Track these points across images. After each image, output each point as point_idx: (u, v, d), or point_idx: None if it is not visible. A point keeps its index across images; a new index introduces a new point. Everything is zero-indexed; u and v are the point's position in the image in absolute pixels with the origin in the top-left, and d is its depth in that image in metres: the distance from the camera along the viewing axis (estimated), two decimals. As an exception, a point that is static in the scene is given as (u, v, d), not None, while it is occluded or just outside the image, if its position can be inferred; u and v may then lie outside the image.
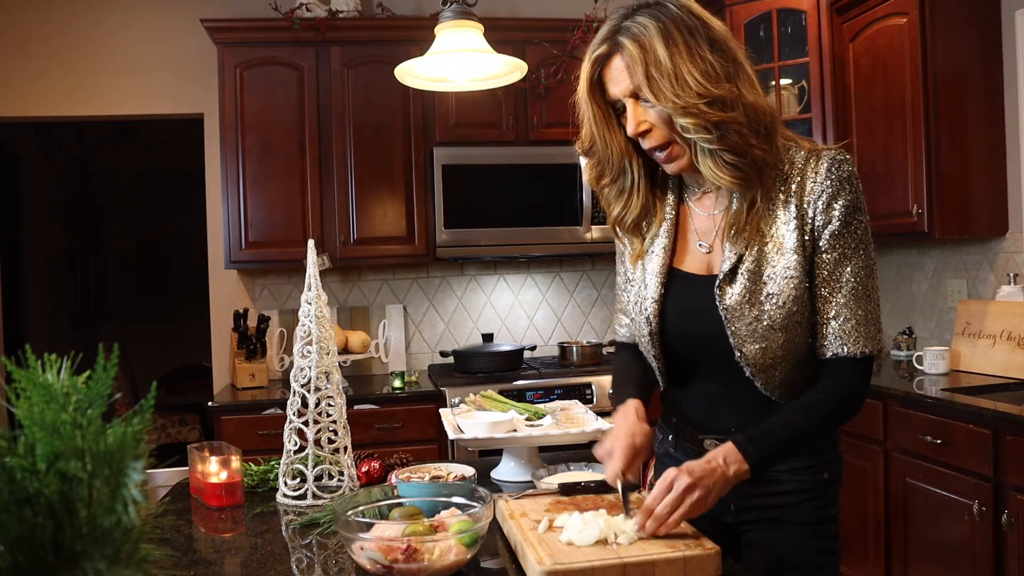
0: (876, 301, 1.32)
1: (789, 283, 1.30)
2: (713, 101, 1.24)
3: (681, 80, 1.23)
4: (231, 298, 3.86)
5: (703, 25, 1.28)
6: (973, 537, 2.48)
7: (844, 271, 1.30)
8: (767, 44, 3.75)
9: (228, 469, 1.69)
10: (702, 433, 1.42)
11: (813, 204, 1.30)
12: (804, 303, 1.31)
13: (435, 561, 1.17)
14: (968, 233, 3.21)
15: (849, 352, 1.30)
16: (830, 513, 1.41)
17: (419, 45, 2.42)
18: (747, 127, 1.26)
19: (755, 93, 1.29)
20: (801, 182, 1.31)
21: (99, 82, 3.80)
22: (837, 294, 1.30)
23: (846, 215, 1.29)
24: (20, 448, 0.68)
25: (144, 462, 0.70)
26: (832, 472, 1.41)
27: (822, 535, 1.39)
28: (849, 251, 1.30)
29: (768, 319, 1.31)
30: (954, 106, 3.14)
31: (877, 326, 1.32)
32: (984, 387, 2.84)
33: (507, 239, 3.65)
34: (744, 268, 1.32)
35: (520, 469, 1.79)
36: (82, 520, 0.67)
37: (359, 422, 3.15)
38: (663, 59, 1.24)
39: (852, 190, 1.30)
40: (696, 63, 1.24)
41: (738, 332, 1.32)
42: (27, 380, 0.71)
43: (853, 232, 1.30)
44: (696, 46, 1.25)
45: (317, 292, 1.69)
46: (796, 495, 1.38)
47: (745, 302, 1.31)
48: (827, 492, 1.40)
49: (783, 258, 1.31)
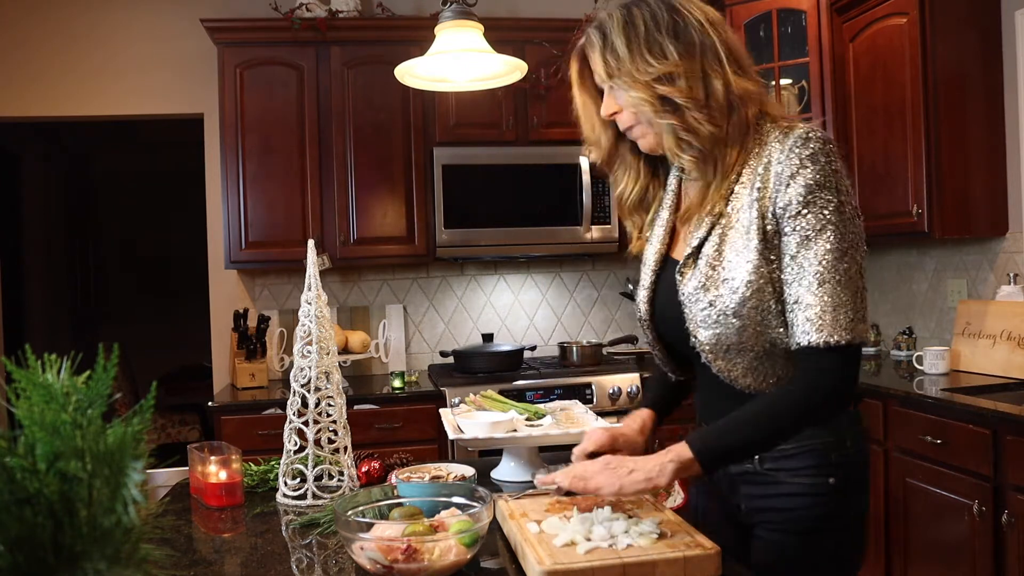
0: (850, 286, 1.21)
1: (745, 267, 1.25)
2: (660, 77, 1.27)
3: (633, 58, 1.29)
4: (231, 298, 3.86)
5: (673, 12, 1.31)
6: (973, 537, 2.48)
7: (807, 254, 1.22)
8: (767, 44, 3.75)
9: (228, 469, 1.69)
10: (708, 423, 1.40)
11: (774, 182, 1.25)
12: (762, 291, 1.24)
13: (435, 561, 1.17)
14: (968, 233, 3.21)
15: (814, 341, 1.20)
16: (837, 523, 1.32)
17: (419, 45, 2.42)
18: (702, 104, 1.27)
19: (724, 73, 1.29)
20: (767, 163, 1.27)
21: (99, 82, 3.80)
22: (800, 278, 1.22)
23: (807, 194, 1.22)
24: (20, 448, 0.68)
25: (144, 462, 0.70)
26: (840, 478, 1.32)
27: (821, 548, 1.33)
28: (812, 232, 1.21)
29: (721, 304, 1.27)
30: (954, 106, 3.14)
31: (850, 313, 1.20)
32: (984, 387, 2.84)
33: (507, 239, 3.64)
34: (705, 252, 1.31)
35: (520, 469, 1.79)
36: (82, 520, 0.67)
37: (359, 422, 3.15)
38: (619, 43, 1.30)
39: (816, 168, 1.22)
40: (651, 45, 1.29)
41: (693, 318, 1.31)
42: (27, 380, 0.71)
43: (818, 212, 1.21)
44: (653, 30, 1.29)
45: (317, 292, 1.69)
46: (793, 499, 1.33)
47: (700, 287, 1.29)
48: (833, 499, 1.32)
49: (741, 241, 1.27)
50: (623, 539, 1.22)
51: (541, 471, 1.68)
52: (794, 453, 1.32)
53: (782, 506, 1.34)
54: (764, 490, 1.35)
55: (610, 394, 3.39)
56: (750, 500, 1.38)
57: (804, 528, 1.33)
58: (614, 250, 3.76)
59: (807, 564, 1.33)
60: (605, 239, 3.71)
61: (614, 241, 3.71)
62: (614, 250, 3.76)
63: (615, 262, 4.14)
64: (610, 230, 3.69)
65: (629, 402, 3.41)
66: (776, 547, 1.35)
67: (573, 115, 1.48)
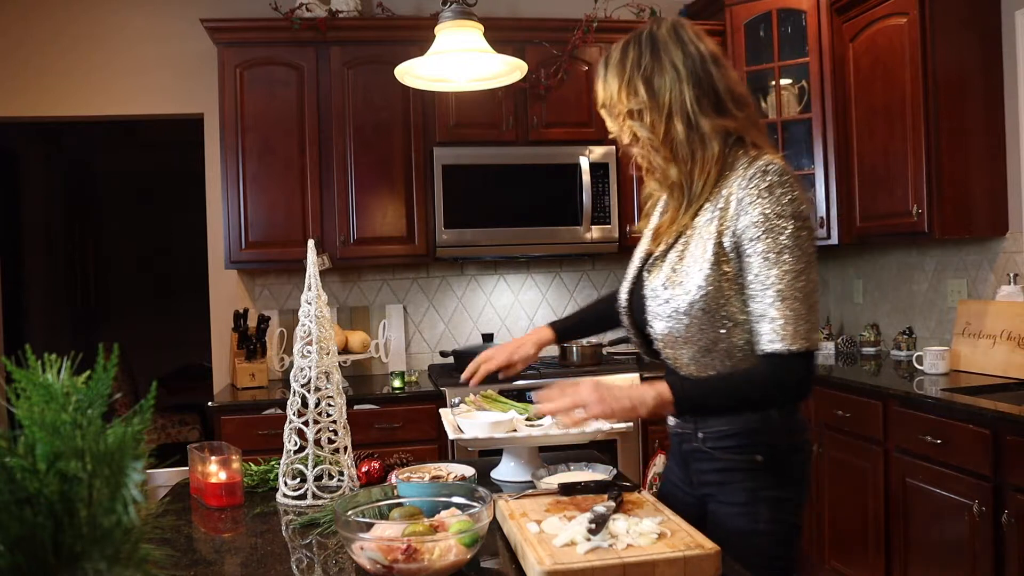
0: (806, 301, 1.40)
1: (698, 274, 1.45)
2: (630, 112, 1.50)
3: (616, 94, 1.52)
4: (231, 298, 3.86)
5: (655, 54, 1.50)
6: (973, 537, 2.48)
7: (769, 274, 1.40)
8: (767, 44, 3.75)
9: (228, 469, 1.69)
10: None
11: (734, 207, 1.44)
12: (709, 296, 1.44)
13: (435, 561, 1.17)
14: (968, 233, 3.21)
15: (779, 349, 1.40)
16: (760, 495, 1.49)
17: (419, 45, 2.42)
18: (660, 142, 1.49)
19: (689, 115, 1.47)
20: (732, 189, 1.45)
21: (99, 82, 3.80)
22: (764, 295, 1.41)
23: (765, 222, 1.40)
24: (20, 448, 0.68)
25: (144, 462, 0.70)
26: (768, 456, 1.49)
27: (751, 517, 1.49)
28: (773, 255, 1.40)
29: (675, 303, 1.48)
30: (954, 106, 3.14)
31: (807, 324, 1.40)
32: (984, 387, 2.84)
33: (507, 239, 3.64)
34: (670, 256, 1.52)
35: (520, 469, 1.79)
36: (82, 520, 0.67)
37: (359, 422, 3.15)
38: (611, 79, 1.53)
39: (772, 199, 1.40)
40: (630, 84, 1.50)
41: (652, 310, 1.53)
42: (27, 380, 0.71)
43: (776, 237, 1.40)
44: (635, 70, 1.50)
45: (317, 292, 1.69)
46: (726, 474, 1.52)
47: (660, 285, 1.51)
48: (757, 474, 1.49)
49: (698, 249, 1.47)
50: (623, 539, 1.22)
51: (541, 471, 1.68)
52: (728, 433, 1.51)
53: (721, 480, 1.53)
54: (709, 465, 1.55)
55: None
56: (699, 475, 1.58)
57: (742, 499, 1.51)
58: (614, 250, 3.76)
59: (746, 532, 1.49)
60: (605, 239, 3.71)
61: (614, 241, 3.71)
62: (614, 250, 3.76)
63: (615, 262, 4.14)
64: (610, 230, 3.69)
65: (629, 402, 3.40)
66: (719, 518, 1.53)
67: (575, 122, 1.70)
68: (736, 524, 1.50)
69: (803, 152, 3.76)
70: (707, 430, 1.53)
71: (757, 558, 1.44)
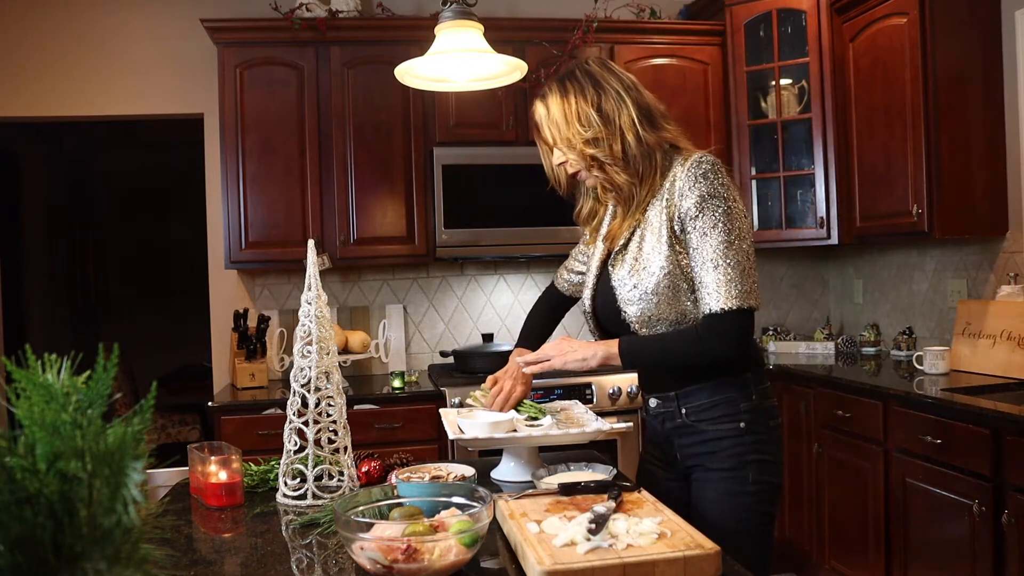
0: (738, 267, 1.58)
1: (657, 257, 1.65)
2: (588, 141, 1.68)
3: (568, 127, 1.70)
4: (231, 298, 3.86)
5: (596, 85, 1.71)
6: (973, 537, 2.48)
7: (703, 245, 1.60)
8: (767, 44, 3.75)
9: (228, 469, 1.69)
10: (647, 393, 1.81)
11: (677, 196, 1.65)
12: (672, 274, 1.64)
13: (435, 561, 1.17)
14: (968, 233, 3.21)
15: (713, 308, 1.59)
16: (748, 459, 1.66)
17: (419, 45, 2.42)
18: (620, 160, 1.68)
19: (636, 131, 1.68)
20: (673, 180, 1.67)
21: (99, 82, 3.80)
22: (702, 264, 1.61)
23: (700, 202, 1.61)
24: (20, 448, 0.68)
25: (144, 462, 0.70)
26: (748, 422, 1.67)
27: (739, 480, 1.65)
28: (707, 228, 1.60)
29: (643, 286, 1.67)
30: (954, 106, 3.14)
31: (739, 287, 1.58)
32: (984, 387, 2.84)
33: (507, 239, 3.64)
34: (630, 248, 1.71)
35: (520, 469, 1.79)
36: (82, 520, 0.67)
37: (359, 422, 3.15)
38: (557, 116, 1.72)
39: (707, 183, 1.61)
40: (579, 117, 1.69)
41: (622, 297, 1.71)
42: (27, 380, 0.71)
43: (710, 215, 1.60)
44: (582, 104, 1.69)
45: (317, 292, 1.69)
46: (712, 443, 1.68)
47: (627, 273, 1.70)
48: (743, 440, 1.66)
49: (654, 237, 1.67)
50: (623, 539, 1.22)
51: (541, 471, 1.68)
52: (711, 405, 1.69)
53: (708, 450, 1.69)
54: (693, 439, 1.71)
55: (610, 394, 3.39)
56: (683, 449, 1.74)
57: (729, 465, 1.67)
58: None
59: (735, 493, 1.66)
60: (605, 239, 3.70)
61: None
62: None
63: (615, 262, 4.13)
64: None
65: (629, 402, 3.41)
66: (709, 483, 1.69)
67: None
68: (725, 487, 1.66)
69: (803, 152, 3.76)
70: (689, 405, 1.70)
71: (746, 513, 1.65)
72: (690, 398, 1.70)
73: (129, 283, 7.03)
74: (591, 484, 1.52)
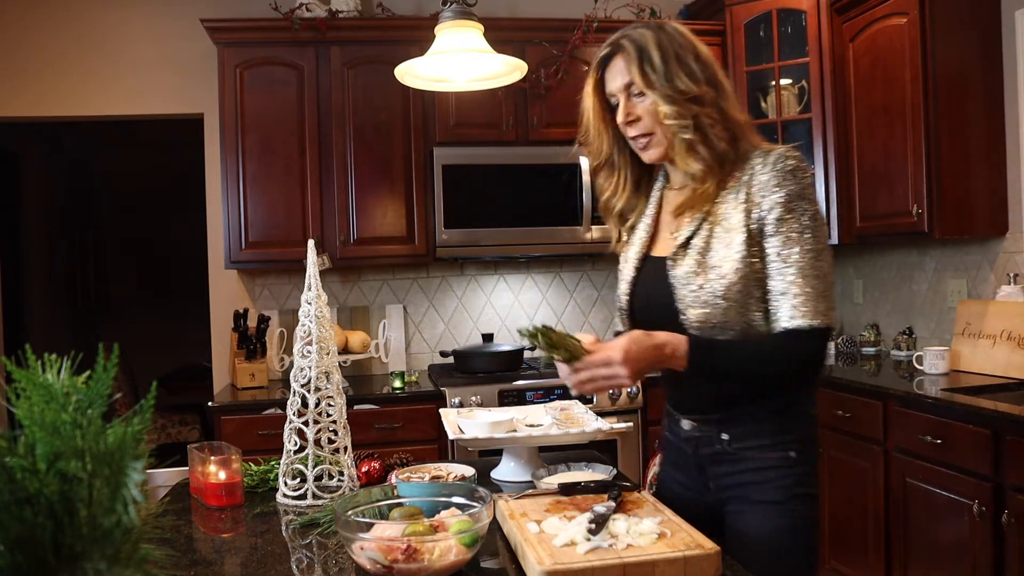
0: (825, 281, 1.44)
1: (732, 258, 1.46)
2: (693, 97, 1.48)
3: (668, 76, 1.49)
4: (231, 298, 3.86)
5: (692, 45, 1.53)
6: (973, 537, 2.48)
7: (791, 252, 1.43)
8: (767, 44, 3.75)
9: (228, 469, 1.69)
10: (680, 413, 1.61)
11: (759, 192, 1.46)
12: (747, 278, 1.45)
13: (435, 561, 1.17)
14: (968, 233, 3.21)
15: (799, 324, 1.42)
16: (796, 492, 1.48)
17: (419, 45, 2.42)
18: (719, 124, 1.49)
19: (730, 104, 1.52)
20: (752, 174, 1.48)
21: (99, 82, 3.79)
22: (785, 273, 1.44)
23: (788, 202, 1.44)
24: (20, 448, 0.68)
25: (144, 462, 0.70)
26: (799, 452, 1.50)
27: (788, 514, 1.48)
28: (794, 235, 1.44)
29: (711, 287, 1.47)
30: (954, 106, 3.14)
31: (827, 303, 1.44)
32: (984, 387, 2.84)
33: (507, 239, 3.64)
34: (694, 243, 1.51)
35: (520, 469, 1.79)
36: (82, 520, 0.67)
37: (359, 422, 3.15)
38: (656, 58, 1.49)
39: (795, 181, 1.45)
40: (683, 67, 1.49)
41: (684, 298, 1.50)
42: (27, 380, 0.71)
43: (798, 218, 1.44)
44: (684, 55, 1.50)
45: (317, 292, 1.69)
46: (760, 472, 1.49)
47: (692, 272, 1.49)
48: (793, 471, 1.49)
49: (728, 236, 1.48)
50: (623, 539, 1.22)
51: (541, 471, 1.68)
52: (758, 432, 1.50)
53: (751, 480, 1.50)
54: (733, 468, 1.52)
55: (610, 394, 3.39)
56: (720, 479, 1.54)
57: (774, 498, 1.48)
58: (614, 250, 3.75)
59: (779, 530, 1.48)
60: (605, 239, 3.68)
61: (614, 241, 3.71)
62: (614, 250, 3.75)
63: (615, 262, 4.12)
64: (610, 230, 3.68)
65: (629, 402, 3.41)
66: (749, 517, 1.50)
67: (576, 121, 1.64)
68: (768, 523, 1.48)
69: (803, 152, 3.76)
70: (733, 430, 1.51)
71: (791, 553, 1.47)
72: (735, 422, 1.51)
73: (129, 283, 7.03)
74: (591, 484, 1.52)
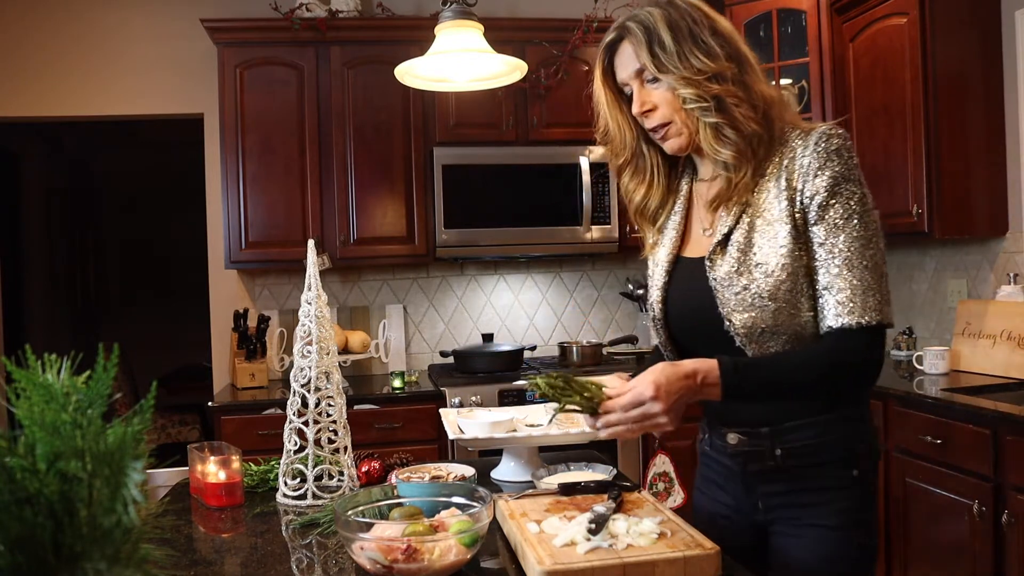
0: (876, 271, 1.28)
1: (777, 252, 1.31)
2: (712, 76, 1.31)
3: (683, 56, 1.32)
4: (231, 298, 3.86)
5: (707, 18, 1.36)
6: (973, 537, 2.48)
7: (836, 241, 1.28)
8: (767, 44, 3.75)
9: (228, 469, 1.69)
10: (724, 426, 1.43)
11: (801, 177, 1.30)
12: (796, 274, 1.30)
13: (435, 561, 1.17)
14: (968, 233, 3.21)
15: (846, 323, 1.26)
16: (861, 517, 1.35)
17: (419, 45, 2.42)
18: (745, 103, 1.32)
19: (756, 79, 1.35)
20: (792, 157, 1.33)
21: (99, 82, 3.79)
22: (830, 265, 1.28)
23: (832, 185, 1.28)
24: (20, 448, 0.68)
25: (144, 462, 0.70)
26: (862, 470, 1.36)
27: (844, 542, 1.34)
28: (840, 221, 1.28)
29: (756, 288, 1.31)
30: (954, 106, 3.14)
31: (878, 296, 1.27)
32: (984, 387, 2.83)
33: (507, 239, 3.64)
34: (734, 239, 1.35)
35: (520, 469, 1.79)
36: (82, 520, 0.67)
37: (359, 422, 3.15)
38: (666, 39, 1.33)
39: (840, 162, 1.29)
40: (698, 44, 1.33)
41: (727, 302, 1.33)
42: (27, 380, 0.71)
43: (844, 203, 1.28)
44: (698, 31, 1.33)
45: (317, 292, 1.69)
46: (816, 494, 1.34)
47: (734, 272, 1.33)
48: (854, 492, 1.35)
49: (771, 228, 1.32)
50: (623, 539, 1.22)
51: (541, 471, 1.68)
52: (819, 447, 1.34)
53: (808, 502, 1.35)
54: (787, 486, 1.37)
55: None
56: (770, 498, 1.39)
57: (833, 523, 1.33)
58: (614, 250, 3.76)
59: (838, 559, 1.34)
60: (605, 239, 3.70)
61: (614, 241, 3.71)
62: (614, 250, 3.76)
63: (615, 262, 4.14)
64: (610, 230, 3.69)
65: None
66: (803, 543, 1.35)
67: (584, 119, 1.50)
68: (825, 550, 1.33)
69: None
70: (789, 444, 1.34)
71: None
72: (791, 435, 1.34)
73: (129, 283, 7.03)
74: (591, 484, 1.52)
